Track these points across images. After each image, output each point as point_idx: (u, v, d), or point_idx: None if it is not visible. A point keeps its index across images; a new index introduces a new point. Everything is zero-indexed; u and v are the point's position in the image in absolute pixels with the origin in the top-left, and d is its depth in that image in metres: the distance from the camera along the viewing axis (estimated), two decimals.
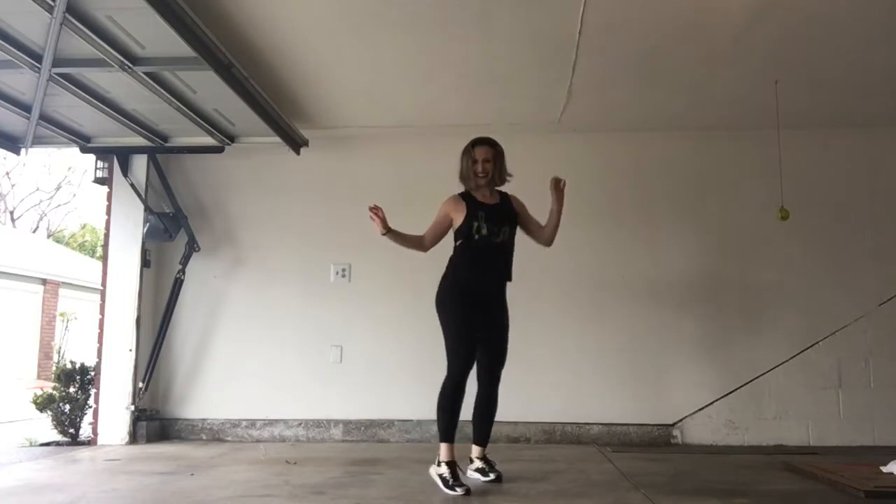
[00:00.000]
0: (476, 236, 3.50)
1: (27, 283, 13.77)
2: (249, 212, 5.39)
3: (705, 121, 5.13)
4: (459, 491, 3.23)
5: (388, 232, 3.53)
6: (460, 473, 3.39)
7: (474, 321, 3.50)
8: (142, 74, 3.73)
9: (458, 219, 3.55)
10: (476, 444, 3.64)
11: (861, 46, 3.99)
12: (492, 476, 3.53)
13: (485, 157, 3.57)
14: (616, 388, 5.07)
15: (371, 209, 3.51)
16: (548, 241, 3.69)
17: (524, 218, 3.69)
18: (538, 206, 5.08)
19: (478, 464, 3.60)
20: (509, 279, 3.62)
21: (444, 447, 3.42)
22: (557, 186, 3.59)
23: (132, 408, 4.91)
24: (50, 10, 3.02)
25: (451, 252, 3.63)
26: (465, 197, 3.61)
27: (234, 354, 5.25)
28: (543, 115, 4.98)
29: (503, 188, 3.71)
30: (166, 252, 5.30)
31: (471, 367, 3.51)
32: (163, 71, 3.79)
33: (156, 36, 3.35)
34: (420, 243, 3.63)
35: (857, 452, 4.56)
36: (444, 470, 3.36)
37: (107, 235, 5.17)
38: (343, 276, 5.30)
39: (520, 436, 5.03)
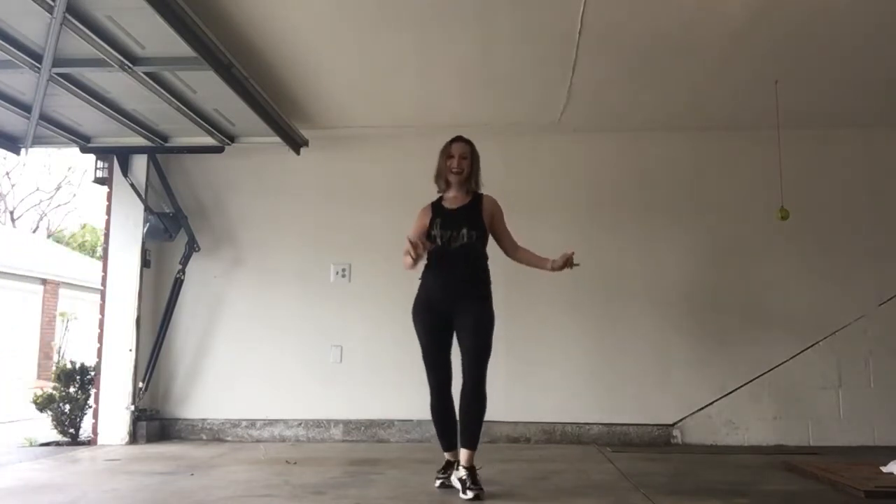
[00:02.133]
0: (431, 245, 3.44)
1: (27, 283, 13.76)
2: (249, 212, 5.39)
3: (705, 121, 5.13)
4: (436, 483, 3.38)
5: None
6: (450, 475, 3.38)
7: (441, 331, 3.41)
8: (142, 74, 3.74)
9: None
10: (462, 447, 3.30)
11: (861, 46, 3.99)
12: (469, 495, 3.12)
13: (461, 154, 3.53)
14: (616, 388, 5.07)
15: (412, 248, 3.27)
16: (514, 259, 3.57)
17: (495, 220, 3.52)
18: (537, 206, 5.12)
19: (461, 472, 3.25)
20: (477, 283, 3.43)
21: (444, 455, 3.49)
22: (566, 263, 3.41)
23: (132, 408, 4.91)
24: (50, 10, 3.02)
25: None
26: (434, 204, 3.58)
27: (234, 354, 5.25)
28: (543, 115, 4.98)
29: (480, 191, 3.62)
30: (166, 252, 5.30)
31: (444, 377, 3.42)
32: (163, 71, 3.79)
33: (156, 36, 3.35)
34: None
35: (857, 452, 4.56)
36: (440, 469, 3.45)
37: (107, 235, 5.17)
38: (343, 276, 5.29)
39: (520, 436, 5.03)
